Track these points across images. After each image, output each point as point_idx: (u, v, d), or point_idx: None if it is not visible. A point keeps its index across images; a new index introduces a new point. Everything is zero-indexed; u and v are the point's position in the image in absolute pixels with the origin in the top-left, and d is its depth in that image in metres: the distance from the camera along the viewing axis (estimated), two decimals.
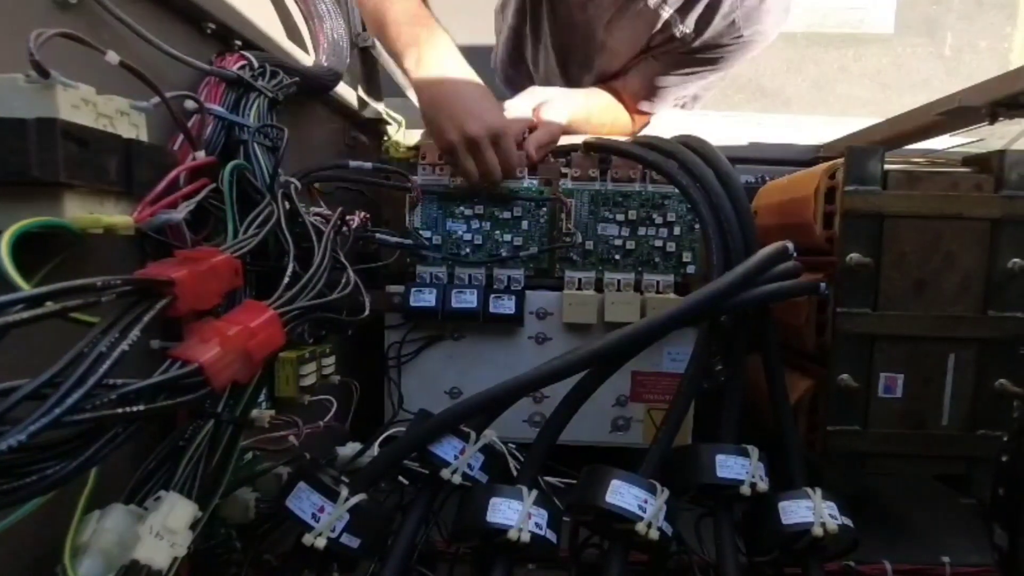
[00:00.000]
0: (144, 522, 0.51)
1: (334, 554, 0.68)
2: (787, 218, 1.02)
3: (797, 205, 0.98)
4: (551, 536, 0.70)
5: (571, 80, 1.54)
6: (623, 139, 1.11)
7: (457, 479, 0.72)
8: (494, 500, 0.70)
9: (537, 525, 0.69)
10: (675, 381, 0.85)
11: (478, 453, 0.74)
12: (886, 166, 0.88)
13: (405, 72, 1.16)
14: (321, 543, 0.65)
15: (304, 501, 0.68)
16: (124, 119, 0.54)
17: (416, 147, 1.19)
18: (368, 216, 1.04)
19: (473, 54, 1.19)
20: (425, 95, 1.10)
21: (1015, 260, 0.86)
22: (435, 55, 1.12)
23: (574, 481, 0.77)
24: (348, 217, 0.93)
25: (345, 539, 0.67)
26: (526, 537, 0.67)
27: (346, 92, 1.19)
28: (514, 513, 0.69)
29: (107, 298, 0.44)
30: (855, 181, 0.87)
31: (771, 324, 0.84)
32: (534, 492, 0.71)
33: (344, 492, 0.68)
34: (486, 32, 1.88)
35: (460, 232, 1.13)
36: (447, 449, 0.74)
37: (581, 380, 0.79)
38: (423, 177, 1.14)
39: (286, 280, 0.65)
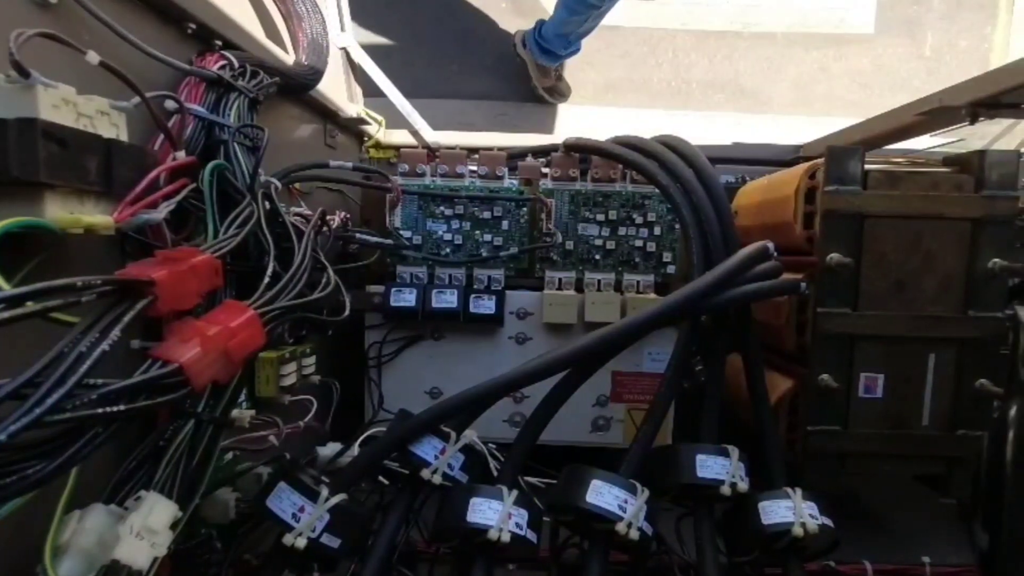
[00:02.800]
0: (124, 522, 0.51)
1: (314, 554, 0.68)
2: (767, 218, 1.03)
3: (777, 205, 0.98)
4: (531, 536, 0.70)
5: None
6: (602, 140, 1.12)
7: (437, 479, 0.72)
8: (474, 500, 0.70)
9: (517, 525, 0.69)
10: (655, 381, 0.86)
11: (458, 453, 0.75)
12: (866, 166, 0.88)
13: None
14: (301, 543, 0.65)
15: (284, 501, 0.68)
16: (104, 119, 0.54)
17: (396, 147, 1.19)
18: (348, 216, 1.04)
19: None
20: None
21: (995, 260, 0.86)
22: None
23: (554, 481, 0.77)
24: (328, 217, 0.93)
25: (325, 539, 0.67)
26: (506, 537, 0.67)
27: (326, 91, 1.19)
28: (494, 513, 0.69)
29: (87, 298, 0.44)
30: (835, 181, 0.87)
31: (751, 324, 0.85)
32: (514, 492, 0.72)
33: (324, 492, 0.68)
34: None
35: (440, 232, 1.13)
36: (427, 449, 0.74)
37: (561, 380, 0.79)
38: (403, 177, 1.14)
39: (266, 280, 0.65)
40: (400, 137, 1.43)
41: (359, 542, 0.72)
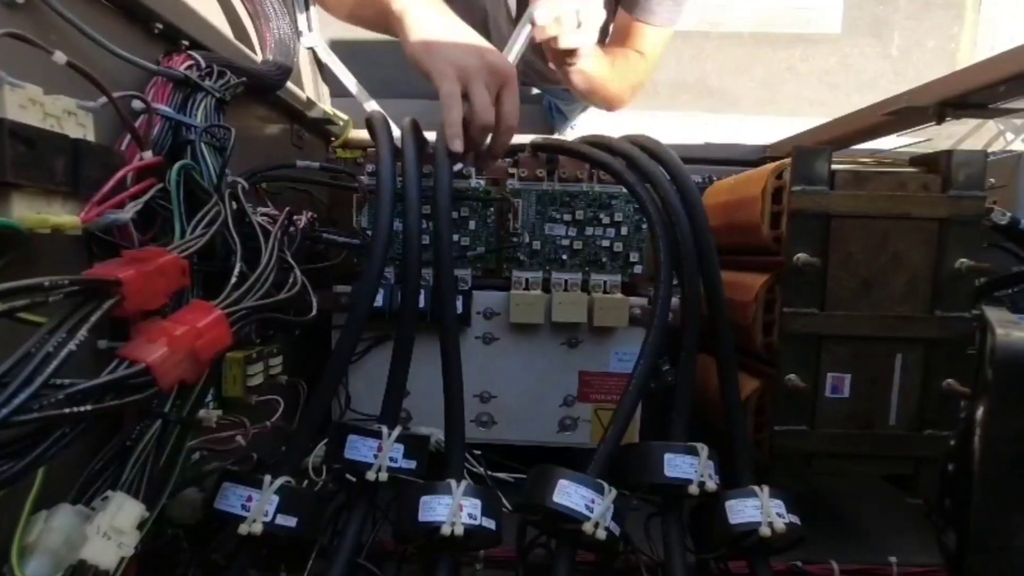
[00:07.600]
0: (91, 522, 0.51)
1: (278, 542, 0.68)
2: (734, 218, 1.04)
3: (744, 205, 0.99)
4: (488, 523, 0.70)
5: None
6: (570, 139, 1.12)
7: (384, 476, 0.73)
8: (424, 499, 0.70)
9: (470, 516, 0.69)
10: (622, 381, 0.85)
11: (396, 444, 0.75)
12: (833, 166, 0.89)
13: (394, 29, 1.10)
14: (257, 528, 0.66)
15: (231, 497, 0.68)
16: (71, 119, 0.54)
17: (363, 146, 1.19)
18: (315, 216, 1.04)
19: None
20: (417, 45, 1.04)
21: (962, 260, 0.87)
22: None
23: (524, 475, 0.78)
24: (295, 217, 0.93)
25: (281, 520, 0.67)
26: (460, 530, 0.68)
27: (293, 91, 1.19)
28: (445, 508, 0.69)
29: (54, 298, 0.44)
30: (802, 181, 0.88)
31: (726, 324, 0.85)
32: (463, 483, 0.72)
33: (267, 478, 0.69)
34: None
35: None
36: (364, 452, 0.74)
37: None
38: (370, 177, 1.14)
39: (233, 280, 0.65)
40: (367, 137, 1.43)
41: (317, 520, 0.72)
